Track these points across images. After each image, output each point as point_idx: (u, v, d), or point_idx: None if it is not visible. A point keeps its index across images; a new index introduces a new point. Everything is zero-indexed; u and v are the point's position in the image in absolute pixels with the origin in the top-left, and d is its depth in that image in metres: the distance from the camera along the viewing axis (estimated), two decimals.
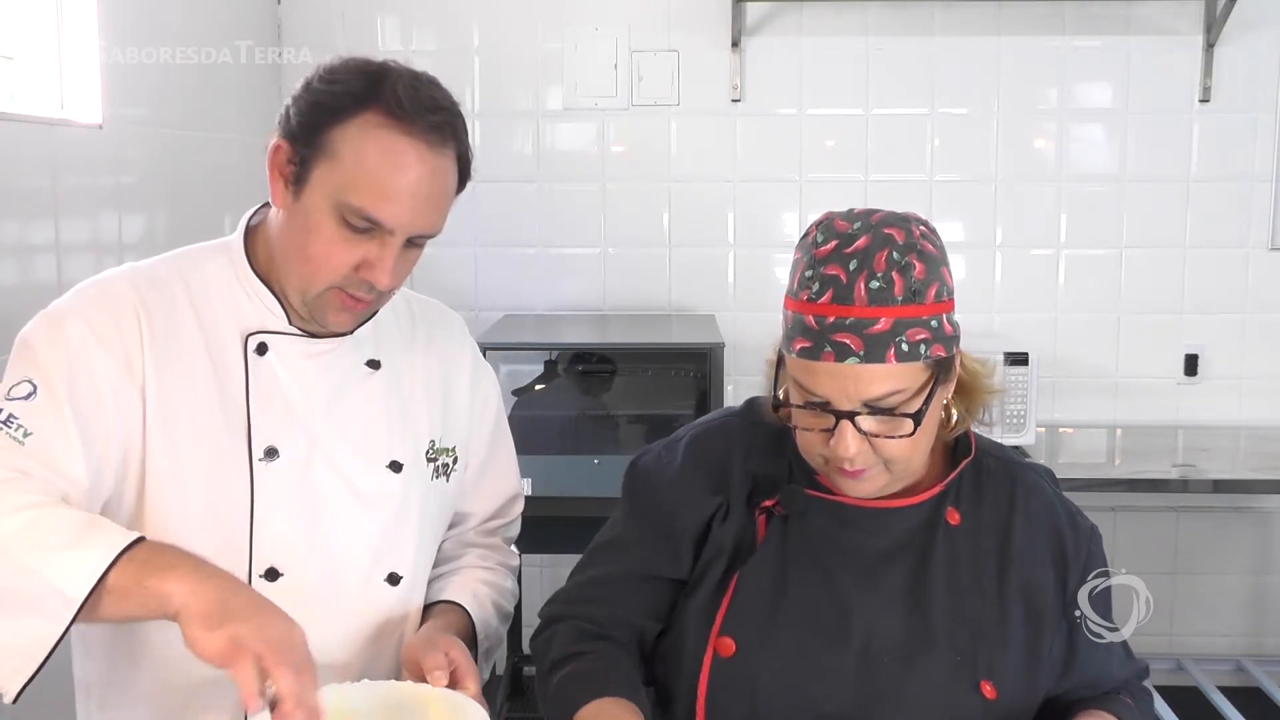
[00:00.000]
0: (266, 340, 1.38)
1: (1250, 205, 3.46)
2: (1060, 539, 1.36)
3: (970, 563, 1.30)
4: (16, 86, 2.37)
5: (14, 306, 2.22)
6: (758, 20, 3.45)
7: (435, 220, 1.32)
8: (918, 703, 1.25)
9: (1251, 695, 3.35)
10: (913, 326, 1.19)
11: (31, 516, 1.19)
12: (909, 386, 1.21)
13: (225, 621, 1.11)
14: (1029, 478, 1.38)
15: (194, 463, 1.34)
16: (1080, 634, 1.36)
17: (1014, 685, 1.27)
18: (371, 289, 1.32)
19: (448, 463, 1.52)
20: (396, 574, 1.45)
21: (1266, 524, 3.58)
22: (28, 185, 2.27)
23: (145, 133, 2.71)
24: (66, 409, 1.26)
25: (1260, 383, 3.52)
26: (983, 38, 3.44)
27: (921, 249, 1.21)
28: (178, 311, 1.36)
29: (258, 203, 1.47)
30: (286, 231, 1.34)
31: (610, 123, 3.50)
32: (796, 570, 1.30)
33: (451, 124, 1.32)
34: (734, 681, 1.28)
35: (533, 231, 3.50)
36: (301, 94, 1.32)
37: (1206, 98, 3.42)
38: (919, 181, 3.50)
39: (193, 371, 1.35)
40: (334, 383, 1.42)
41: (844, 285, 1.19)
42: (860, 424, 1.21)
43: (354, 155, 1.27)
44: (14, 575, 1.17)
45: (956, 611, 1.28)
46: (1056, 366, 3.47)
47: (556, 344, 3.12)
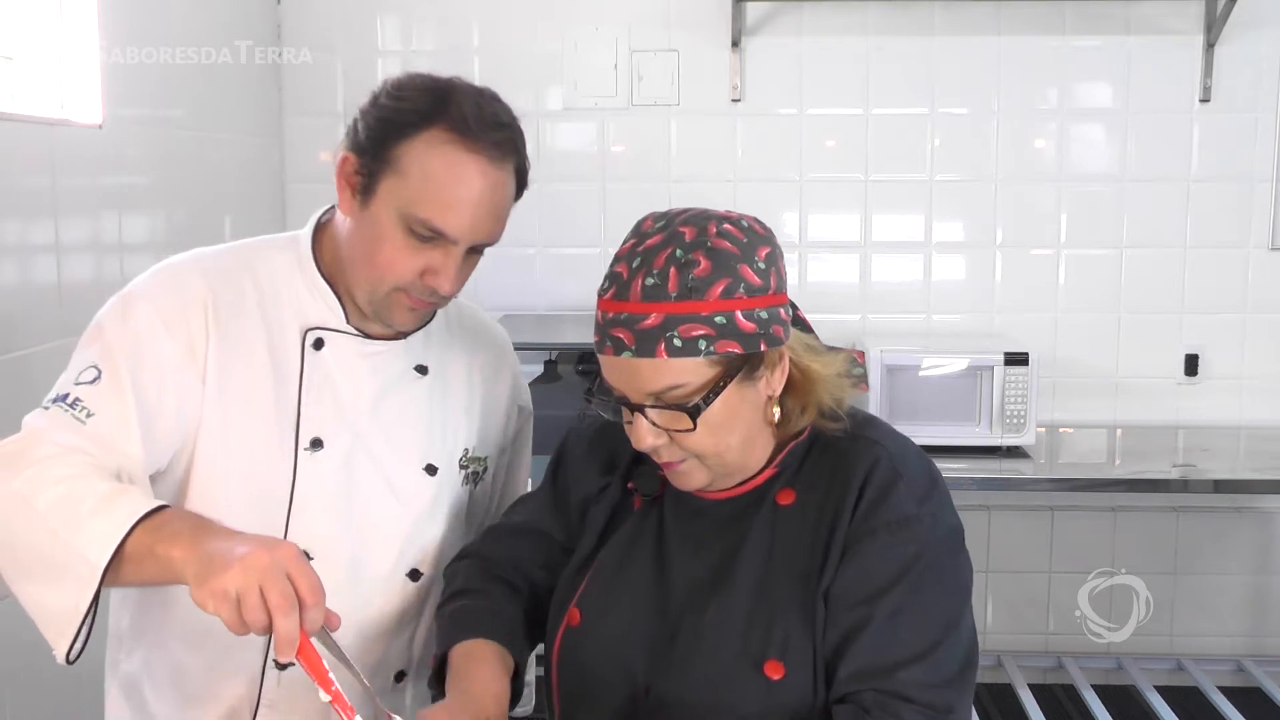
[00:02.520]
0: (324, 336, 1.44)
1: (1250, 205, 3.47)
2: (841, 515, 1.28)
3: (792, 541, 1.29)
4: (16, 86, 2.37)
5: (14, 306, 2.22)
6: (758, 20, 3.45)
7: (496, 230, 1.39)
8: (702, 677, 1.27)
9: (1251, 695, 3.35)
10: (687, 322, 1.20)
11: (67, 488, 1.24)
12: (690, 382, 1.22)
13: (210, 576, 1.15)
14: (860, 449, 1.32)
15: (243, 446, 1.41)
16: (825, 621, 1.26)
17: (807, 666, 1.25)
18: (434, 293, 1.39)
19: (479, 471, 1.59)
20: (419, 570, 1.51)
21: (1266, 524, 3.58)
22: (28, 185, 2.27)
23: (145, 133, 2.71)
24: (129, 392, 1.33)
25: (1260, 383, 3.52)
26: (983, 38, 3.44)
27: (712, 246, 1.22)
28: (243, 302, 1.43)
29: (256, 202, 1.49)
30: (354, 238, 1.40)
31: (610, 123, 3.51)
32: (642, 549, 1.36)
33: (513, 140, 1.38)
34: (574, 650, 1.35)
35: (533, 231, 3.51)
36: (369, 109, 1.38)
37: (1206, 98, 3.42)
38: (919, 181, 3.50)
39: (251, 361, 1.41)
40: (382, 383, 1.48)
41: (624, 282, 1.23)
42: (650, 417, 1.25)
43: (420, 170, 1.33)
44: (50, 543, 1.23)
45: (763, 589, 1.28)
46: (1056, 366, 3.47)
47: (556, 344, 3.12)
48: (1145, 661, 3.50)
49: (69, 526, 1.22)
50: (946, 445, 3.03)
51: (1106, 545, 3.53)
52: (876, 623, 1.23)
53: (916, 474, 1.30)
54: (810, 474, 1.33)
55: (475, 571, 1.46)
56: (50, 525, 1.23)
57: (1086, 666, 3.48)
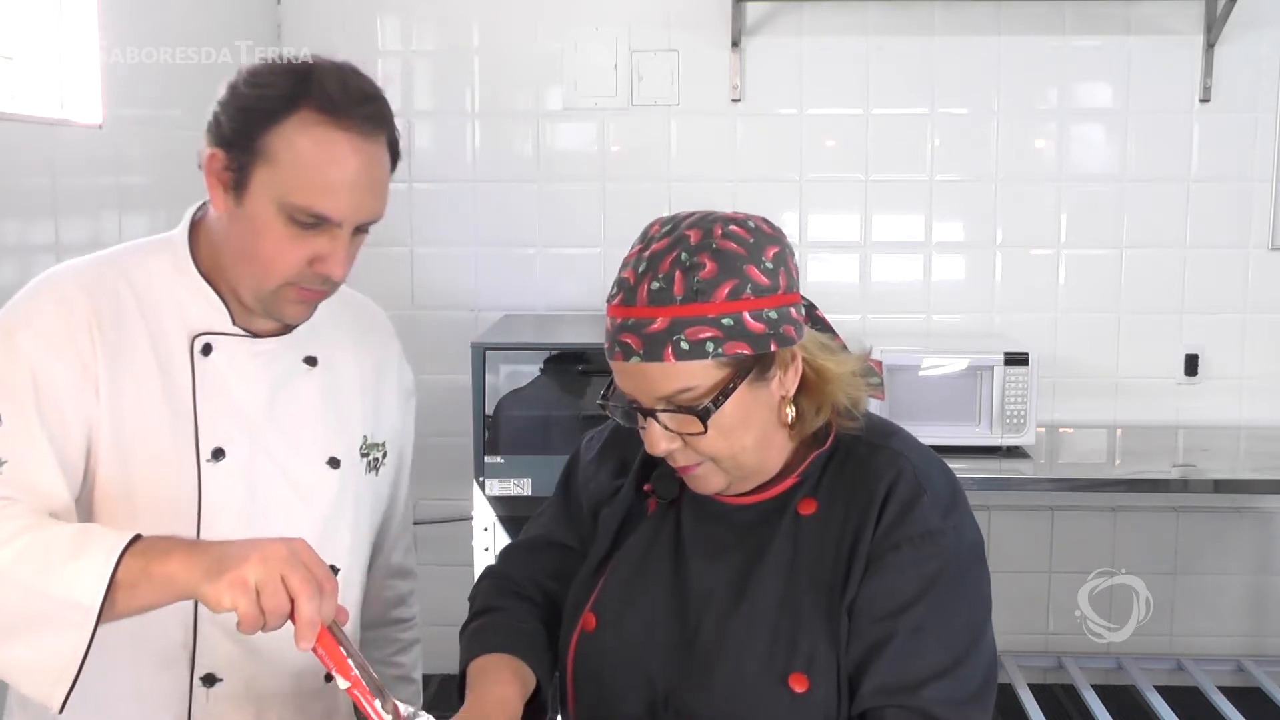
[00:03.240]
0: (212, 341, 1.40)
1: (1250, 205, 3.47)
2: (864, 528, 1.28)
3: (814, 552, 1.29)
4: (16, 86, 2.37)
5: None
6: (758, 20, 3.45)
7: (378, 206, 1.34)
8: (726, 689, 1.26)
9: (1251, 695, 3.35)
10: (694, 325, 1.19)
11: (26, 541, 1.20)
12: (699, 385, 1.22)
13: (224, 570, 1.14)
14: (882, 460, 1.31)
15: (142, 464, 1.36)
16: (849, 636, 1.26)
17: (830, 680, 1.25)
18: (326, 281, 1.35)
19: (378, 457, 1.55)
20: (334, 566, 1.45)
21: (1266, 524, 3.58)
22: (28, 185, 2.27)
23: (145, 133, 2.71)
24: (37, 429, 1.29)
25: (1260, 383, 3.52)
26: (983, 38, 3.44)
27: (717, 248, 1.21)
28: (124, 313, 1.37)
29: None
30: (233, 235, 1.35)
31: (610, 123, 3.50)
32: (659, 554, 1.35)
33: (382, 112, 1.33)
34: (590, 655, 1.34)
35: (533, 231, 3.50)
36: (229, 99, 1.33)
37: (1206, 98, 3.42)
38: (919, 181, 3.50)
39: (141, 373, 1.36)
40: (274, 381, 1.44)
41: (630, 288, 1.23)
42: (663, 421, 1.25)
43: (292, 156, 1.29)
44: (24, 599, 1.19)
45: (787, 601, 1.27)
46: (1056, 366, 3.47)
47: (556, 344, 3.12)
48: (1145, 661, 3.50)
49: (43, 579, 1.18)
50: (946, 445, 3.02)
51: (1106, 545, 3.53)
52: (900, 638, 1.22)
53: (940, 487, 1.29)
54: (832, 484, 1.32)
55: (494, 590, 1.46)
56: (20, 582, 1.19)
57: (1086, 666, 3.48)
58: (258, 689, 1.44)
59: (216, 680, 1.42)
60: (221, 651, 1.41)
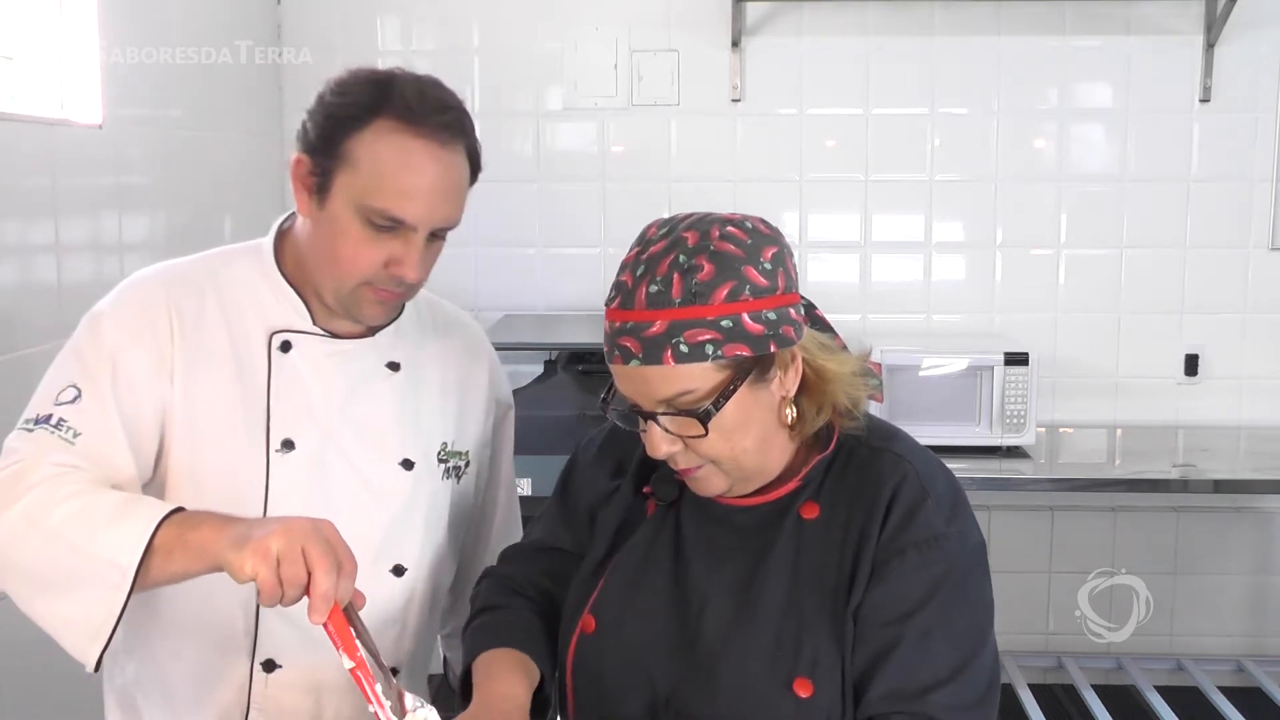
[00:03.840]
0: (291, 339, 1.46)
1: (1250, 205, 3.47)
2: (869, 532, 1.27)
3: (818, 556, 1.28)
4: (16, 86, 2.37)
5: (14, 306, 2.22)
6: (758, 20, 3.45)
7: (453, 212, 1.40)
8: (730, 692, 1.26)
9: (1251, 695, 3.35)
10: (692, 328, 1.19)
11: (78, 503, 1.28)
12: (699, 387, 1.22)
13: (251, 539, 1.19)
14: (885, 464, 1.31)
15: (213, 452, 1.42)
16: (855, 639, 1.26)
17: (835, 684, 1.25)
18: (401, 283, 1.40)
19: (459, 465, 1.59)
20: (401, 566, 1.52)
21: (1266, 524, 3.58)
22: (28, 185, 2.27)
23: (145, 133, 2.71)
24: (111, 408, 1.37)
25: (1260, 383, 3.52)
26: (983, 38, 3.44)
27: (715, 250, 1.21)
28: (206, 309, 1.45)
29: (257, 202, 1.50)
30: (315, 238, 1.42)
31: (610, 123, 3.50)
32: (660, 556, 1.35)
33: (459, 121, 1.40)
34: (590, 657, 1.34)
35: (533, 231, 3.50)
36: (316, 109, 1.40)
37: (1206, 98, 3.42)
38: (919, 181, 3.50)
39: (217, 366, 1.43)
40: (352, 381, 1.49)
41: (629, 291, 1.23)
42: (664, 424, 1.25)
43: (371, 160, 1.35)
44: (70, 557, 1.26)
45: (789, 605, 1.27)
46: (1056, 366, 3.47)
47: (556, 344, 3.12)
48: (1145, 661, 3.50)
49: (88, 537, 1.25)
50: (946, 445, 3.03)
51: (1106, 545, 3.53)
52: (906, 644, 1.23)
53: (943, 491, 1.29)
54: (835, 488, 1.31)
55: (495, 589, 1.47)
56: (68, 539, 1.26)
57: (1086, 666, 3.48)
58: (317, 678, 1.48)
59: (276, 666, 1.47)
60: (282, 638, 1.46)
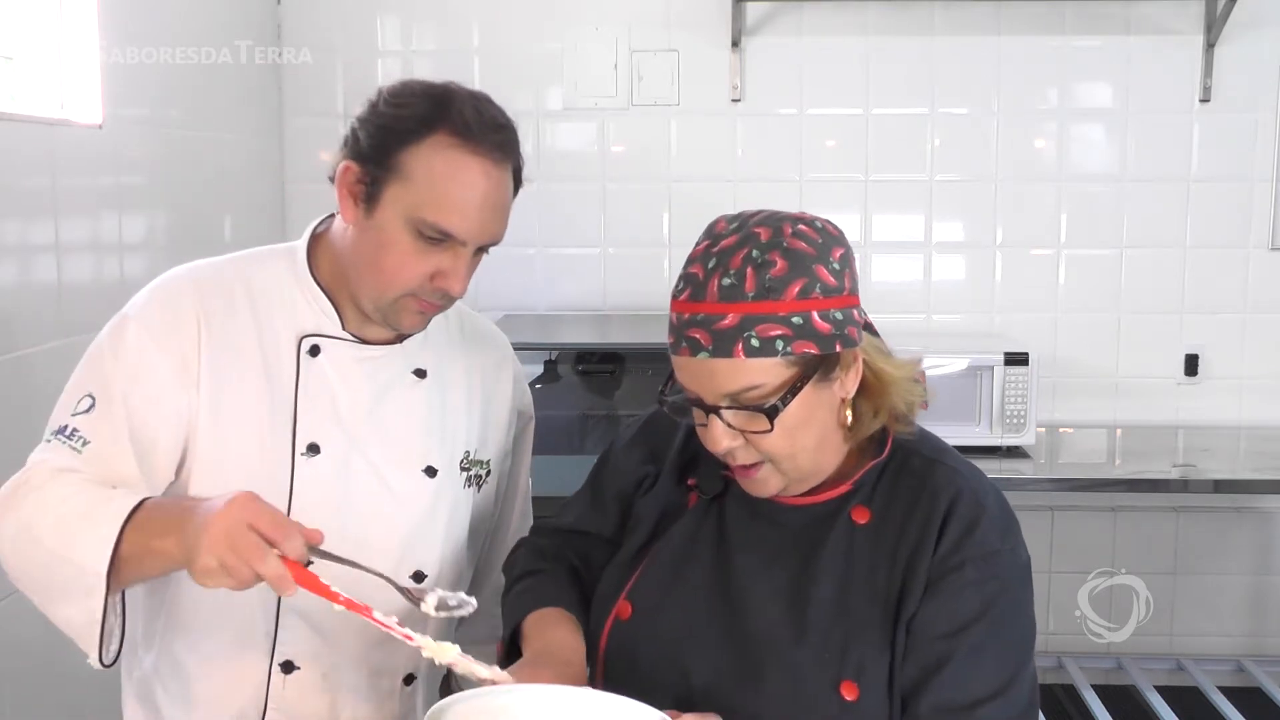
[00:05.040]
0: (320, 343, 1.47)
1: (1250, 205, 3.47)
2: (924, 544, 1.28)
3: (867, 561, 1.29)
4: (16, 86, 2.37)
5: (14, 306, 2.22)
6: (758, 20, 3.45)
7: (500, 229, 1.42)
8: (776, 690, 1.26)
9: (1251, 695, 3.35)
10: (764, 323, 1.20)
11: (63, 508, 1.30)
12: (767, 383, 1.22)
13: (194, 561, 1.20)
14: (940, 477, 1.32)
15: (239, 454, 1.43)
16: (904, 651, 1.27)
17: (881, 690, 1.25)
18: (444, 295, 1.42)
19: (481, 474, 1.60)
20: (422, 572, 1.52)
21: (1266, 524, 3.58)
22: (28, 185, 2.27)
23: (145, 133, 2.71)
24: (120, 416, 1.38)
25: (1260, 383, 3.52)
26: (983, 38, 3.44)
27: (788, 247, 1.22)
28: (236, 312, 1.45)
29: (257, 202, 1.50)
30: (359, 245, 1.42)
31: (610, 123, 3.50)
32: (702, 549, 1.35)
33: (512, 140, 1.42)
34: (625, 644, 1.34)
35: (533, 231, 3.50)
36: (369, 117, 1.40)
37: (1206, 98, 3.42)
38: (919, 181, 3.50)
39: (245, 370, 1.44)
40: (379, 387, 1.50)
41: (700, 283, 1.22)
42: (726, 418, 1.24)
43: (426, 174, 1.36)
44: (55, 564, 1.29)
45: (839, 608, 1.27)
46: (1056, 366, 3.47)
47: (557, 344, 3.12)
48: (1145, 661, 3.50)
49: (67, 544, 1.28)
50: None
51: (1106, 545, 3.53)
52: (958, 658, 1.23)
53: (995, 508, 1.30)
54: (887, 495, 1.32)
55: (533, 554, 1.49)
56: (52, 549, 1.29)
57: (1086, 666, 3.47)
58: (334, 680, 1.49)
59: (295, 668, 1.47)
60: (302, 640, 1.47)
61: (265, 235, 1.56)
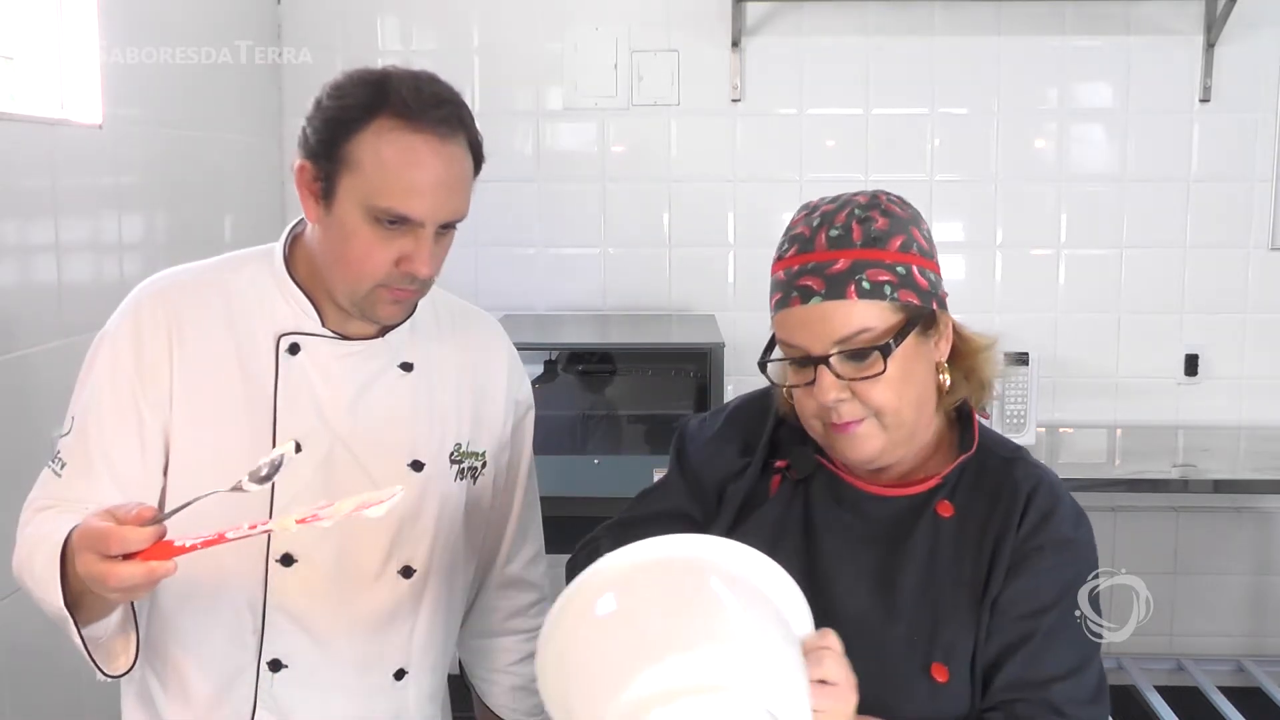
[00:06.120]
0: (299, 341, 1.46)
1: (1250, 205, 3.47)
2: (1007, 530, 1.33)
3: (952, 552, 1.31)
4: (16, 86, 2.37)
5: (14, 306, 2.22)
6: (758, 20, 3.46)
7: (459, 205, 1.41)
8: (867, 672, 1.24)
9: (1251, 695, 3.35)
10: (873, 267, 1.26)
11: (36, 556, 1.32)
12: (876, 326, 1.25)
13: (85, 586, 1.21)
14: (1019, 471, 1.37)
15: (217, 456, 1.42)
16: (989, 633, 1.30)
17: (966, 671, 1.28)
18: (414, 280, 1.41)
19: (475, 466, 1.59)
20: (410, 567, 1.51)
21: (1266, 524, 3.58)
22: (28, 185, 2.27)
23: (145, 133, 2.71)
24: (93, 438, 1.41)
25: (1260, 383, 3.52)
26: (983, 38, 3.44)
27: (886, 209, 1.30)
28: (211, 316, 1.46)
29: (256, 202, 1.50)
30: (325, 242, 1.43)
31: (610, 123, 3.51)
32: (786, 533, 1.36)
33: (458, 114, 1.40)
34: None
35: (533, 231, 3.50)
36: (314, 114, 1.40)
37: (1206, 98, 3.42)
38: (919, 181, 3.50)
39: (220, 373, 1.45)
40: (362, 382, 1.49)
41: (807, 239, 1.29)
42: (835, 367, 1.26)
43: (374, 160, 1.36)
44: (45, 604, 1.31)
45: (927, 594, 1.30)
46: (1056, 366, 3.47)
47: (557, 344, 3.12)
48: (1145, 661, 3.50)
49: (40, 587, 1.30)
50: None
51: (1106, 545, 3.53)
52: (1038, 638, 1.27)
53: (1068, 501, 1.36)
54: (970, 492, 1.35)
55: (619, 539, 1.44)
56: (33, 591, 1.33)
57: None
58: (322, 678, 1.49)
59: (282, 666, 1.47)
60: (288, 638, 1.47)
61: (265, 235, 1.56)
